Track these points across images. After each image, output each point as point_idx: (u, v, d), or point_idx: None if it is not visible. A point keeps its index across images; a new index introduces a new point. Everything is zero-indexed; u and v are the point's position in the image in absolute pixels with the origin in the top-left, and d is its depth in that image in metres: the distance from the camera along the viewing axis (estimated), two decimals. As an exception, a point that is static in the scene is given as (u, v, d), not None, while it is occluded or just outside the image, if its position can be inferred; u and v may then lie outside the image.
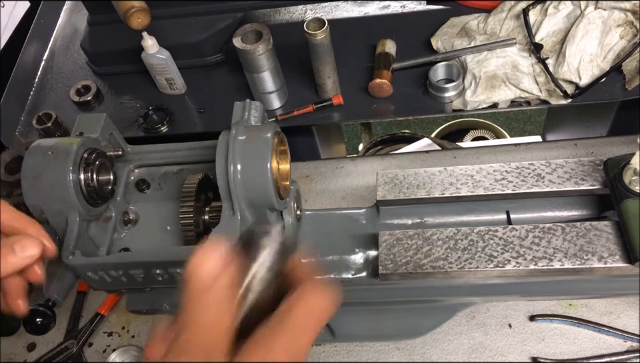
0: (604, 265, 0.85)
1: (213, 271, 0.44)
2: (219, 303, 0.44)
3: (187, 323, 0.44)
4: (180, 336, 0.44)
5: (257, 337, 0.45)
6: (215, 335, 0.44)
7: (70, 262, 0.82)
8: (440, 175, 0.98)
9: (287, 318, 0.46)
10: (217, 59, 1.50)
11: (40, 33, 1.70)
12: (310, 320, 0.47)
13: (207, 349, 0.44)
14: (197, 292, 0.44)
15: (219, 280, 0.44)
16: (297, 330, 0.46)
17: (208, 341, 0.44)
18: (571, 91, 1.23)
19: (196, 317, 0.44)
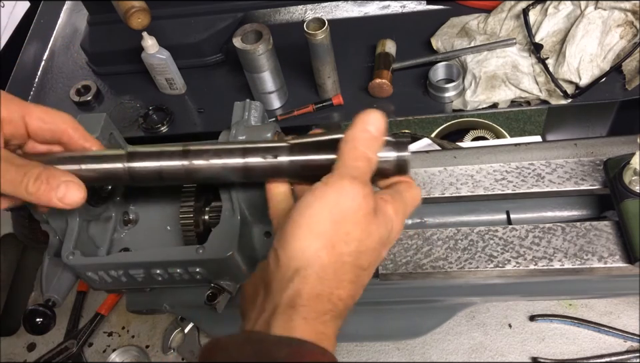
0: (604, 265, 0.85)
1: (382, 128, 0.61)
2: (376, 150, 0.61)
3: (368, 159, 0.60)
4: (359, 162, 0.59)
5: (389, 191, 0.64)
6: (370, 168, 0.60)
7: (70, 262, 0.82)
8: (440, 175, 0.98)
9: (403, 194, 0.65)
10: (217, 59, 1.49)
11: (40, 33, 1.70)
12: (413, 201, 0.66)
13: (365, 173, 0.59)
14: (374, 138, 0.61)
15: (380, 138, 0.62)
16: (407, 204, 0.64)
17: (365, 169, 0.60)
18: (571, 91, 1.23)
19: (368, 152, 0.60)
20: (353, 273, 0.57)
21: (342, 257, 0.56)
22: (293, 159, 0.67)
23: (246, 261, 0.88)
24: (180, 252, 0.83)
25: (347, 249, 0.56)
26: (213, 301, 0.87)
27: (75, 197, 0.64)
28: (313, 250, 0.55)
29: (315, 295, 0.55)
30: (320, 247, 0.55)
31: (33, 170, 0.63)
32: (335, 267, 0.55)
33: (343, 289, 0.56)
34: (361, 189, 0.57)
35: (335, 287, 0.56)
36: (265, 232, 0.87)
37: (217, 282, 0.89)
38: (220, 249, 0.81)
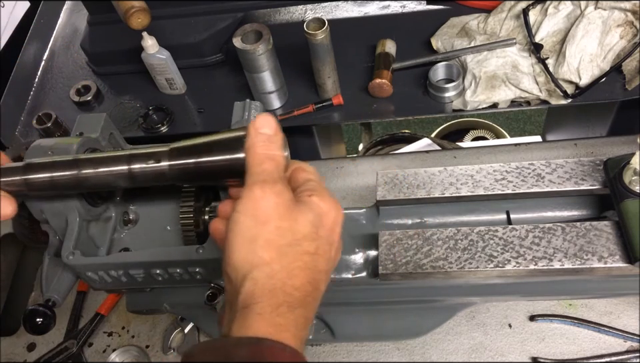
0: (604, 265, 0.85)
1: (274, 126, 0.65)
2: (280, 147, 0.65)
3: (266, 157, 0.63)
4: (261, 165, 0.62)
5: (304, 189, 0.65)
6: (282, 170, 0.64)
7: (70, 262, 0.82)
8: (440, 175, 0.98)
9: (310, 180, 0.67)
10: (217, 59, 1.50)
11: (40, 33, 1.70)
12: (318, 175, 0.69)
13: (281, 176, 0.63)
14: (267, 138, 0.64)
15: (277, 135, 0.65)
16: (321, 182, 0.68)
17: (281, 173, 0.63)
18: (571, 91, 1.23)
19: (268, 152, 0.63)
20: (301, 261, 0.59)
21: (282, 249, 0.58)
22: (172, 163, 0.70)
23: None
24: (180, 252, 0.83)
25: (284, 241, 0.59)
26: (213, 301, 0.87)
27: (7, 211, 0.72)
28: (252, 254, 0.58)
29: (268, 291, 0.57)
30: (258, 248, 0.58)
31: None
32: (280, 260, 0.58)
33: (296, 277, 0.58)
34: (270, 189, 0.61)
35: (287, 277, 0.58)
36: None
37: (217, 282, 0.89)
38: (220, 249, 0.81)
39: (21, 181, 0.73)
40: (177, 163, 0.70)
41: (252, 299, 0.57)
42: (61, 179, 0.73)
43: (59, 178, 0.73)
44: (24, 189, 0.74)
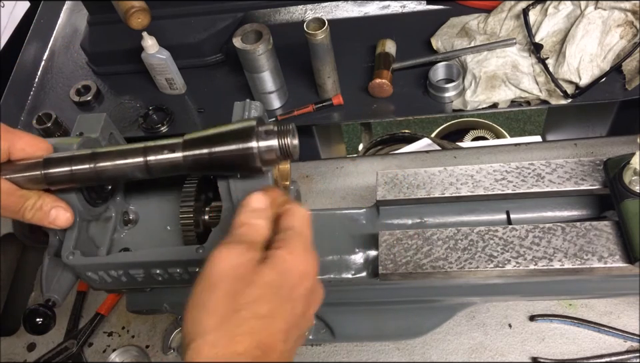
0: (604, 265, 0.85)
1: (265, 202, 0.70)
2: (265, 219, 0.68)
3: (242, 224, 0.67)
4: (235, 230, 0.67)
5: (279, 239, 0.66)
6: (261, 236, 0.66)
7: (70, 262, 0.82)
8: (440, 175, 0.98)
9: (293, 227, 0.68)
10: (217, 59, 1.50)
11: (40, 33, 1.70)
12: (303, 222, 0.69)
13: (253, 240, 0.65)
14: (253, 209, 0.69)
15: (267, 210, 0.69)
16: (300, 232, 0.68)
17: (255, 238, 0.66)
18: (571, 91, 1.23)
19: (248, 220, 0.67)
20: (247, 325, 0.58)
21: (226, 315, 0.58)
22: (185, 154, 0.72)
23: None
24: (180, 252, 0.83)
25: (230, 306, 0.59)
26: (213, 301, 0.87)
27: (64, 219, 0.78)
28: (196, 322, 0.59)
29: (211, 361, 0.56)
30: (203, 315, 0.59)
31: (29, 201, 0.76)
32: (222, 327, 0.58)
33: (239, 344, 0.57)
34: (231, 250, 0.63)
35: (229, 344, 0.57)
36: (265, 232, 0.87)
37: (217, 282, 0.88)
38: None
39: (40, 176, 0.75)
40: (191, 153, 0.72)
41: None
42: (79, 172, 0.75)
43: (78, 171, 0.75)
44: (44, 184, 0.76)
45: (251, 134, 0.70)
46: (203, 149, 0.72)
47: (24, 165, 0.76)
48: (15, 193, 0.75)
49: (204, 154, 0.72)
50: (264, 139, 0.70)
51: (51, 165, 0.75)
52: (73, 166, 0.75)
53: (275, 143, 0.71)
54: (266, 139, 0.70)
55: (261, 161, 0.71)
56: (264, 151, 0.71)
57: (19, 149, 0.75)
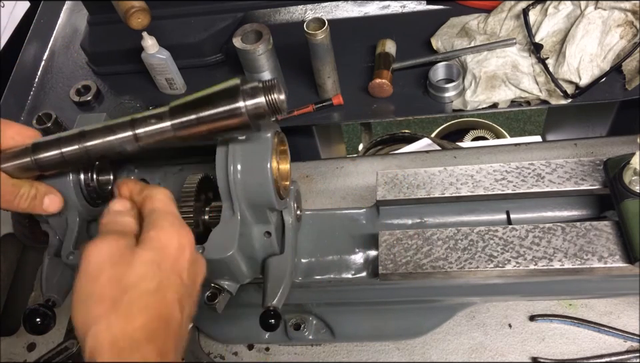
0: (604, 265, 0.85)
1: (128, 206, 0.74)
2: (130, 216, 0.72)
3: (107, 222, 0.71)
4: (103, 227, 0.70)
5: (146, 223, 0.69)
6: (130, 227, 0.71)
7: (70, 262, 0.82)
8: (440, 175, 0.98)
9: (152, 207, 0.71)
10: (217, 59, 1.50)
11: (40, 33, 1.70)
12: (166, 200, 0.73)
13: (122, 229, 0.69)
14: (117, 212, 0.73)
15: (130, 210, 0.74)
16: (165, 211, 0.71)
17: (125, 228, 0.70)
18: (571, 91, 1.23)
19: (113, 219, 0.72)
20: (139, 302, 0.61)
21: (115, 298, 0.61)
22: (174, 121, 0.71)
23: (246, 261, 0.88)
24: (180, 252, 0.83)
25: (117, 290, 0.61)
26: (213, 301, 0.87)
27: (56, 206, 0.79)
28: (87, 313, 0.61)
29: (107, 343, 0.59)
30: (92, 305, 0.61)
31: (22, 189, 0.75)
32: (115, 309, 0.60)
33: (135, 319, 0.60)
34: (101, 241, 0.65)
35: (125, 323, 0.60)
36: (265, 232, 0.87)
37: (216, 282, 0.89)
38: (220, 249, 0.81)
39: (31, 162, 0.74)
40: (179, 120, 0.71)
41: (93, 353, 0.58)
42: (70, 153, 0.74)
43: (68, 153, 0.74)
44: (35, 170, 0.75)
45: (237, 93, 0.69)
46: (191, 114, 0.70)
47: (12, 153, 0.74)
48: (8, 183, 0.74)
49: (192, 120, 0.71)
50: (250, 96, 0.69)
51: (39, 149, 0.74)
52: (62, 148, 0.74)
53: (262, 100, 0.70)
54: (252, 96, 0.70)
55: (250, 119, 0.70)
56: (252, 109, 0.70)
57: (8, 137, 0.75)
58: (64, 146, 0.74)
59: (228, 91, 0.70)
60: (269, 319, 0.86)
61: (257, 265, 0.91)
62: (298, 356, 1.16)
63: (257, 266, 0.92)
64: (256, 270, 0.92)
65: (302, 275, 0.99)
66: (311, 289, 1.02)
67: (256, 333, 1.13)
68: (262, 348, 1.18)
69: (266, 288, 0.89)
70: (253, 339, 1.18)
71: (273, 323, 0.86)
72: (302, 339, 1.14)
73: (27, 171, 0.75)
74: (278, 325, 0.86)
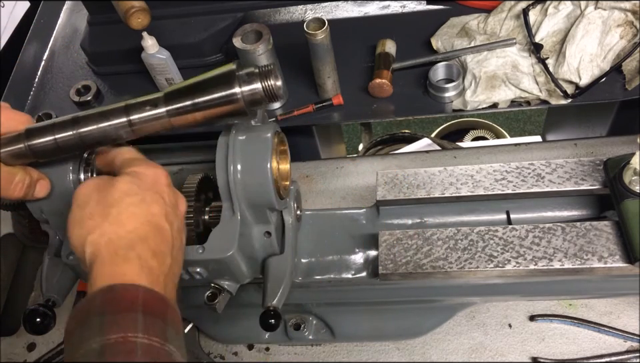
0: (604, 265, 0.85)
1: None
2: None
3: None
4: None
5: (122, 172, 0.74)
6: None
7: (70, 262, 0.82)
8: (440, 175, 0.98)
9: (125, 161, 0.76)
10: (217, 59, 1.49)
11: (40, 33, 1.69)
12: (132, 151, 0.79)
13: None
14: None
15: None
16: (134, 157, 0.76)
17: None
18: (571, 91, 1.23)
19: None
20: (127, 211, 0.67)
21: (105, 211, 0.67)
22: (169, 108, 0.71)
23: (246, 261, 0.88)
24: (180, 252, 0.83)
25: (105, 205, 0.68)
26: (213, 301, 0.87)
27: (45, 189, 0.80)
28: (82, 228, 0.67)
29: (103, 245, 0.65)
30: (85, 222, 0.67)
31: (17, 176, 0.76)
32: (106, 219, 0.66)
33: (126, 224, 0.66)
34: (90, 178, 0.77)
35: (117, 227, 0.66)
36: (265, 232, 0.87)
37: (217, 282, 0.89)
38: (220, 249, 0.81)
39: (25, 148, 0.74)
40: (174, 106, 0.71)
41: (93, 257, 0.65)
42: (64, 139, 0.74)
43: (62, 139, 0.74)
44: (30, 156, 0.74)
45: (233, 79, 0.68)
46: (186, 100, 0.70)
47: (6, 139, 0.74)
48: (4, 171, 0.74)
49: (187, 106, 0.70)
50: (246, 82, 0.69)
51: (33, 136, 0.74)
52: (56, 134, 0.73)
53: (258, 86, 0.70)
54: (248, 82, 0.69)
55: (246, 105, 0.70)
56: (248, 95, 0.70)
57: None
58: (57, 132, 0.73)
59: (224, 76, 0.69)
60: (269, 319, 0.86)
61: (256, 265, 0.91)
62: (298, 356, 1.16)
63: (256, 266, 0.92)
64: (256, 270, 0.92)
65: (302, 275, 0.99)
66: (311, 289, 1.02)
67: (256, 333, 1.13)
68: (262, 348, 1.18)
69: (266, 288, 0.89)
70: (253, 339, 1.18)
71: (273, 323, 0.86)
72: (302, 339, 1.14)
73: (20, 157, 0.74)
74: (278, 325, 0.86)
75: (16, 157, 0.74)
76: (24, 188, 0.76)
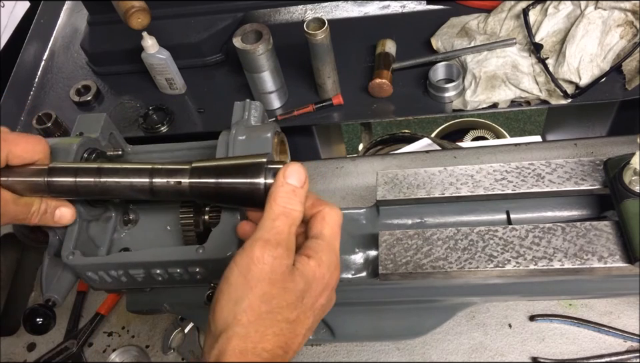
0: (604, 265, 0.85)
1: (303, 179, 0.67)
2: (302, 201, 0.66)
3: (282, 213, 0.65)
4: (275, 221, 0.64)
5: (309, 246, 0.68)
6: (295, 226, 0.66)
7: (70, 262, 0.82)
8: (440, 175, 0.98)
9: (323, 235, 0.68)
10: (217, 59, 1.50)
11: (40, 33, 1.70)
12: (334, 226, 0.70)
13: (289, 238, 0.65)
14: (292, 190, 0.66)
15: (303, 188, 0.67)
16: (330, 242, 0.69)
17: (291, 233, 0.65)
18: (571, 91, 1.23)
19: (285, 205, 0.65)
20: (277, 327, 0.63)
21: (262, 315, 0.62)
22: (192, 181, 0.72)
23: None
24: (180, 252, 0.83)
25: (265, 308, 0.62)
26: (213, 301, 0.87)
27: (68, 217, 0.80)
28: (233, 315, 0.62)
29: (238, 351, 0.61)
30: (239, 311, 0.62)
31: (34, 207, 0.77)
32: (256, 324, 0.62)
33: (267, 342, 0.62)
34: (271, 253, 0.63)
35: (259, 340, 0.62)
36: (265, 232, 0.87)
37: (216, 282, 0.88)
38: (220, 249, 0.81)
39: (44, 183, 0.75)
40: (197, 181, 0.72)
41: (222, 356, 0.61)
42: (83, 184, 0.75)
43: (82, 183, 0.75)
44: (45, 192, 0.76)
45: (260, 170, 0.70)
46: (210, 178, 0.72)
47: (28, 171, 0.76)
48: (19, 202, 0.76)
49: (210, 184, 0.72)
50: (273, 176, 0.70)
51: (55, 174, 0.76)
52: (78, 178, 0.75)
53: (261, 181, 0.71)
54: (274, 176, 0.70)
55: (265, 196, 0.70)
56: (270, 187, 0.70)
57: (16, 156, 0.75)
58: (80, 176, 0.75)
59: (253, 166, 0.71)
60: (269, 319, 0.86)
61: (257, 265, 0.91)
62: (298, 356, 1.16)
63: (257, 266, 0.91)
64: (256, 270, 0.92)
65: (302, 275, 0.99)
66: (311, 289, 1.02)
67: (256, 333, 1.13)
68: (262, 348, 1.18)
69: (266, 288, 0.89)
70: (253, 339, 1.18)
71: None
72: (302, 339, 1.14)
73: (36, 191, 0.76)
74: (278, 325, 0.86)
75: (32, 190, 0.76)
76: (39, 216, 0.78)
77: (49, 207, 0.79)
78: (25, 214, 0.77)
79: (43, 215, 0.78)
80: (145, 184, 0.74)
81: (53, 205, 0.79)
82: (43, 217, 0.78)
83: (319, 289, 0.67)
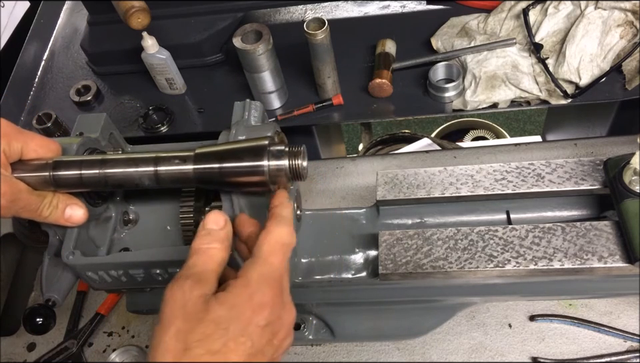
0: (604, 265, 0.85)
1: (221, 223, 0.69)
2: (220, 241, 0.68)
3: (195, 251, 0.67)
4: (188, 260, 0.66)
5: (244, 265, 0.67)
6: (214, 263, 0.66)
7: (70, 262, 0.82)
8: (440, 175, 0.98)
9: (257, 252, 0.67)
10: (217, 59, 1.50)
11: (40, 33, 1.70)
12: (276, 247, 0.68)
13: (203, 270, 0.65)
14: (207, 232, 0.68)
15: (223, 230, 0.69)
16: (266, 260, 0.67)
17: (206, 267, 0.65)
18: (571, 91, 1.23)
19: (200, 246, 0.67)
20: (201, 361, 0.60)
21: (178, 354, 0.59)
22: (196, 167, 0.73)
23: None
24: (180, 252, 0.83)
25: (181, 346, 0.60)
26: (213, 301, 0.87)
27: (79, 216, 0.80)
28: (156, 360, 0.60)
29: None
30: (158, 356, 0.60)
31: (45, 199, 0.77)
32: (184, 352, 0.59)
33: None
34: (180, 287, 0.62)
35: None
36: (265, 232, 0.87)
37: (216, 282, 0.88)
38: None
39: (49, 177, 0.76)
40: (201, 166, 0.73)
41: None
42: (88, 176, 0.76)
43: (86, 175, 0.76)
44: (51, 185, 0.77)
45: (263, 152, 0.71)
46: (214, 163, 0.72)
47: (34, 166, 0.76)
48: (33, 193, 0.76)
49: (214, 168, 0.72)
50: (275, 158, 0.71)
51: (60, 167, 0.76)
52: (82, 170, 0.76)
53: (285, 163, 0.72)
54: (277, 158, 0.71)
55: (270, 179, 0.72)
56: (274, 170, 0.72)
57: (31, 150, 0.76)
58: (84, 168, 0.76)
59: (255, 149, 0.72)
60: (269, 319, 0.86)
61: (257, 265, 0.91)
62: (298, 356, 1.16)
63: (257, 266, 0.91)
64: (256, 270, 0.92)
65: (302, 275, 0.99)
66: (311, 289, 1.02)
67: (256, 333, 1.13)
68: (262, 348, 1.18)
69: (266, 288, 0.89)
70: (253, 339, 1.18)
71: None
72: (302, 339, 1.14)
73: (42, 184, 0.77)
74: (278, 325, 0.86)
75: (39, 184, 0.77)
76: (50, 209, 0.78)
77: (60, 202, 0.79)
78: (37, 204, 0.77)
79: (54, 210, 0.78)
80: (150, 172, 0.75)
81: (65, 201, 0.79)
82: (53, 212, 0.78)
83: (248, 312, 0.63)
